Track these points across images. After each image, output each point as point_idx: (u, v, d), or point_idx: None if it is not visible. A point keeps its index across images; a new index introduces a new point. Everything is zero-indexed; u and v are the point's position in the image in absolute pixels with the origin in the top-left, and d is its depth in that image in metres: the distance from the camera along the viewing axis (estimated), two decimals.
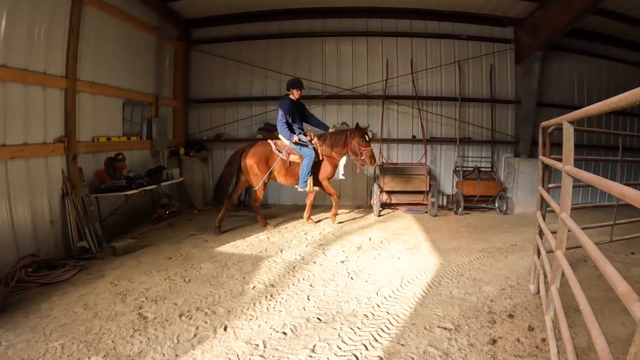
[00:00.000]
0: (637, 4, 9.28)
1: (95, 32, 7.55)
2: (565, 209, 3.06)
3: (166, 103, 10.41)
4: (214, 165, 11.38)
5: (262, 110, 11.20)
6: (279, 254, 6.65)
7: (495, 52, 11.14)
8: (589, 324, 2.12)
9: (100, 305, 4.62)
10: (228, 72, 11.27)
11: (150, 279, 5.48)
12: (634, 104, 1.68)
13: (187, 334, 3.95)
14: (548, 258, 4.11)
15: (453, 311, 4.49)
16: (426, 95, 11.09)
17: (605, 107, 2.09)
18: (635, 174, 12.13)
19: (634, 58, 11.99)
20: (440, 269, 5.89)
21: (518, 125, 11.11)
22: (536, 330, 3.96)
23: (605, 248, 6.57)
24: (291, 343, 3.80)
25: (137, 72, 9.10)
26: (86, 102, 7.41)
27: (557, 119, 3.54)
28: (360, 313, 4.45)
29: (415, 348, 3.69)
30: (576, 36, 10.95)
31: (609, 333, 3.78)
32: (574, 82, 11.73)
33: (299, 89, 8.47)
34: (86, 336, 3.90)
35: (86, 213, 6.93)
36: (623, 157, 6.42)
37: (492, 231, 8.31)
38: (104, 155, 7.72)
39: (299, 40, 11.12)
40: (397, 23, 11.09)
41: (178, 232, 8.12)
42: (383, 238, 7.69)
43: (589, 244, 2.28)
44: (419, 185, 10.10)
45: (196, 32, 11.31)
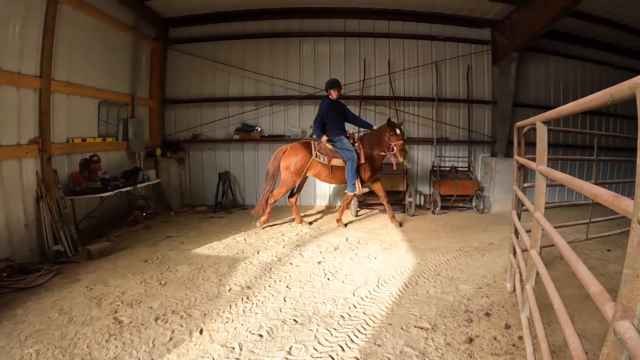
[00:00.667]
0: (612, 7, 9.42)
1: (71, 31, 7.42)
2: (539, 208, 3.08)
3: (142, 103, 10.28)
4: (191, 167, 11.30)
5: (239, 110, 11.13)
6: (255, 255, 6.61)
7: (472, 53, 11.22)
8: (563, 323, 2.12)
9: (76, 310, 4.55)
10: (205, 72, 11.17)
11: (126, 283, 5.40)
12: (605, 104, 1.68)
13: (163, 338, 3.90)
14: (523, 257, 4.14)
15: (430, 310, 4.49)
16: (403, 96, 11.12)
17: (577, 108, 2.10)
18: (611, 173, 12.33)
19: (609, 60, 12.18)
20: (417, 269, 5.91)
21: (495, 125, 11.20)
22: (513, 328, 3.98)
23: (582, 246, 6.67)
24: (267, 345, 3.77)
25: (113, 72, 8.97)
26: (61, 102, 7.29)
27: (531, 119, 3.57)
28: (336, 314, 4.44)
29: (391, 348, 3.69)
30: (553, 38, 11.10)
31: (586, 330, 3.84)
32: (550, 83, 11.87)
33: (336, 88, 8.38)
34: (61, 342, 3.83)
35: (61, 216, 6.81)
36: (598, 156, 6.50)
37: (469, 230, 8.36)
38: (79, 157, 7.60)
39: (276, 41, 11.07)
40: (374, 24, 11.09)
41: (154, 234, 8.03)
42: (360, 238, 7.69)
43: (561, 243, 2.28)
44: (397, 185, 10.12)
45: (173, 32, 11.19)
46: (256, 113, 11.07)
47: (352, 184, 8.17)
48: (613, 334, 1.37)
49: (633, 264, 1.27)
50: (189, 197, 11.25)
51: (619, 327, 1.32)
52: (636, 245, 1.25)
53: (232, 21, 10.99)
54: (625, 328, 1.29)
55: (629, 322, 1.31)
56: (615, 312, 1.36)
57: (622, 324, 1.31)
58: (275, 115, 11.08)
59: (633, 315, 1.31)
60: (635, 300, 1.29)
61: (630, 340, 1.23)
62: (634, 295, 1.29)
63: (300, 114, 11.13)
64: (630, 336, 1.25)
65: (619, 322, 1.33)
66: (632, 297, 1.29)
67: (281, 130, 11.11)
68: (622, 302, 1.32)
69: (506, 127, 10.78)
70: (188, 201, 11.19)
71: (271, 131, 11.10)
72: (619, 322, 1.33)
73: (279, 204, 10.78)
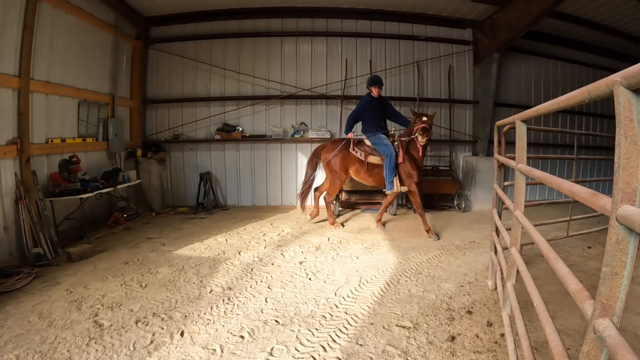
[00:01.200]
0: (593, 8, 9.55)
1: (50, 29, 7.31)
2: (519, 207, 3.09)
3: (123, 103, 10.16)
4: (172, 167, 11.21)
5: (220, 110, 11.06)
6: (237, 255, 6.57)
7: (454, 53, 11.28)
8: (543, 321, 2.13)
9: (56, 314, 4.47)
10: (186, 71, 11.09)
11: (106, 285, 5.32)
12: (583, 102, 1.68)
13: (144, 341, 3.85)
14: (504, 255, 4.16)
15: (412, 309, 4.50)
16: (385, 96, 11.06)
17: (555, 106, 2.11)
18: (592, 171, 12.49)
19: (590, 60, 12.38)
20: (399, 268, 5.92)
21: (476, 124, 11.28)
22: (495, 326, 4.00)
23: (563, 243, 6.75)
24: (249, 347, 3.74)
25: (93, 72, 8.85)
26: (40, 102, 7.17)
27: (511, 118, 3.58)
28: (318, 314, 4.42)
29: (373, 348, 3.68)
30: (534, 38, 11.24)
31: (568, 326, 3.88)
32: (531, 83, 12.01)
33: (376, 85, 8.19)
34: (41, 346, 3.76)
35: (41, 218, 6.71)
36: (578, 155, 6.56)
37: (451, 229, 8.42)
38: (58, 158, 7.47)
39: (257, 40, 11.02)
40: (357, 24, 11.10)
41: (135, 236, 7.94)
42: (342, 238, 7.70)
43: (541, 241, 2.29)
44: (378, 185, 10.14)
45: (155, 31, 11.07)
46: (237, 113, 11.02)
47: (390, 181, 7.96)
48: (592, 332, 1.37)
49: (611, 262, 1.27)
50: (170, 198, 11.15)
51: (598, 325, 1.32)
52: (614, 243, 1.25)
53: (213, 20, 10.91)
54: (605, 326, 1.29)
55: (609, 319, 1.30)
56: (595, 310, 1.35)
57: (601, 322, 1.31)
58: (257, 115, 11.03)
59: (612, 313, 1.30)
60: (614, 298, 1.29)
61: (610, 338, 1.23)
62: (613, 293, 1.28)
63: (282, 114, 11.10)
64: (610, 334, 1.24)
65: (598, 320, 1.33)
66: (611, 295, 1.29)
67: (263, 130, 11.06)
68: (601, 300, 1.32)
69: (487, 126, 10.86)
70: (169, 202, 11.09)
71: (253, 131, 11.04)
72: (598, 320, 1.33)
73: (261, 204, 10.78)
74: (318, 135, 10.76)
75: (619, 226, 1.23)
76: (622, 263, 1.25)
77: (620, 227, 1.23)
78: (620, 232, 1.24)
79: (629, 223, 1.15)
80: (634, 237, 1.22)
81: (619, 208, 1.22)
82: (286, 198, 11.06)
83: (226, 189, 11.17)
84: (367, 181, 8.40)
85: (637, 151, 1.20)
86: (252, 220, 9.03)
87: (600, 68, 12.31)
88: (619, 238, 1.24)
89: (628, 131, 1.20)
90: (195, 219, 9.49)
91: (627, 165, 1.22)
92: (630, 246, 1.24)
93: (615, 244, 1.25)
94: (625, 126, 1.21)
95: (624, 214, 1.18)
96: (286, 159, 11.11)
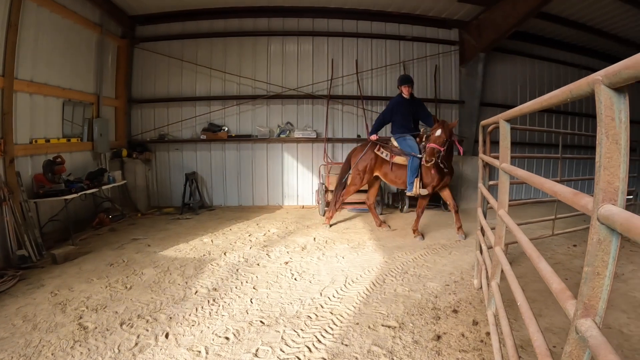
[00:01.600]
0: (579, 9, 9.65)
1: (34, 28, 7.24)
2: (502, 206, 3.10)
3: (108, 103, 10.07)
4: (157, 167, 11.14)
5: (206, 110, 11.03)
6: (222, 256, 6.55)
7: (440, 53, 11.34)
8: (527, 320, 2.14)
9: (40, 317, 4.41)
10: (172, 71, 11.03)
11: (90, 287, 5.27)
12: (565, 101, 1.69)
13: (128, 343, 3.81)
14: (489, 254, 4.17)
15: (397, 309, 4.50)
16: (371, 95, 11.18)
17: (537, 105, 2.12)
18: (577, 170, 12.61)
19: (575, 61, 12.54)
20: (385, 267, 5.92)
21: (462, 124, 11.32)
22: (480, 325, 4.01)
23: (549, 241, 6.81)
24: (234, 348, 3.72)
25: (78, 71, 8.76)
26: (24, 102, 7.08)
27: (494, 117, 3.60)
28: (303, 314, 4.41)
29: (359, 348, 3.67)
30: (520, 39, 11.33)
31: (553, 324, 3.90)
32: (517, 83, 12.13)
33: (405, 84, 7.89)
34: (25, 350, 3.70)
35: (25, 219, 6.62)
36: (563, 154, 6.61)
37: (437, 228, 8.45)
38: (42, 158, 7.39)
39: (243, 39, 10.99)
40: (343, 23, 11.12)
41: (120, 237, 7.87)
42: (328, 238, 7.70)
43: (524, 240, 2.30)
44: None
45: (140, 30, 10.99)
46: (223, 113, 10.98)
47: (410, 182, 7.66)
48: (575, 332, 1.36)
49: (593, 262, 1.26)
50: (155, 199, 11.09)
51: (581, 325, 1.31)
52: (596, 243, 1.24)
53: (199, 19, 10.87)
54: (587, 326, 1.28)
55: (591, 320, 1.30)
56: (577, 310, 1.35)
57: (583, 322, 1.31)
58: (243, 115, 10.99)
59: (595, 313, 1.30)
60: (596, 298, 1.28)
61: (592, 338, 1.23)
62: (595, 293, 1.28)
63: (268, 114, 11.08)
64: (592, 334, 1.24)
65: (580, 320, 1.32)
66: (593, 295, 1.29)
67: (248, 130, 11.04)
68: (583, 300, 1.31)
69: (473, 126, 10.93)
70: (155, 203, 11.03)
71: (238, 131, 11.02)
72: (580, 320, 1.32)
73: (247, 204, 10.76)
74: (304, 135, 10.75)
75: (600, 226, 1.23)
76: (603, 263, 1.25)
77: (602, 226, 1.22)
78: (601, 232, 1.23)
79: (610, 223, 1.15)
80: (616, 237, 1.22)
81: (601, 208, 1.22)
82: (272, 198, 11.05)
83: (212, 189, 11.13)
84: (395, 183, 8.18)
85: (619, 150, 1.19)
86: (238, 221, 9.00)
87: (586, 68, 12.41)
88: (600, 238, 1.24)
89: (609, 130, 1.20)
90: (180, 219, 9.44)
91: (609, 164, 1.21)
92: (612, 246, 1.23)
93: (597, 243, 1.24)
94: (606, 125, 1.20)
95: (606, 214, 1.18)
96: (272, 158, 11.08)
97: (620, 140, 1.19)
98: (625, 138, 1.19)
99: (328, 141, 11.00)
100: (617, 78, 1.13)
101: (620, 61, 1.11)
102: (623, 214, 1.10)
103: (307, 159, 11.12)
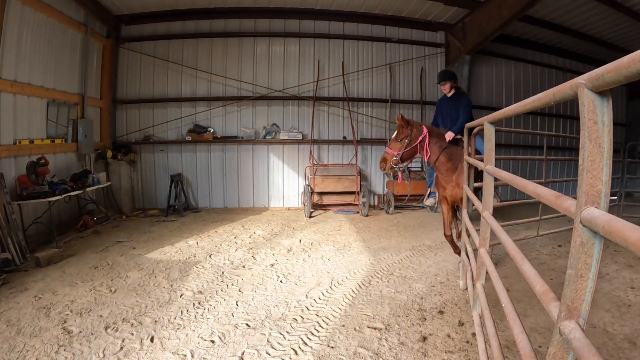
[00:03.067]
0: (563, 13, 9.78)
1: (18, 27, 7.19)
2: (487, 207, 3.12)
3: (92, 103, 9.99)
4: (142, 169, 11.06)
5: (191, 111, 11.00)
6: (207, 259, 6.54)
7: (426, 55, 11.44)
8: (511, 322, 2.15)
9: (24, 321, 4.36)
10: (157, 71, 10.98)
11: (74, 291, 5.22)
12: (548, 104, 1.70)
13: (113, 347, 3.78)
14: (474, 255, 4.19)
15: (383, 310, 4.52)
16: (357, 97, 11.22)
17: (521, 108, 2.14)
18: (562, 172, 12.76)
19: (559, 63, 12.73)
20: (370, 269, 5.95)
21: None
22: (466, 325, 4.05)
23: (533, 242, 6.88)
24: (219, 351, 3.71)
25: (62, 71, 8.69)
26: (7, 102, 7.03)
27: (479, 120, 3.63)
28: (289, 317, 4.42)
29: (345, 350, 3.68)
30: (505, 42, 11.47)
31: (538, 324, 3.95)
32: (502, 85, 12.24)
33: (441, 81, 6.64)
34: (9, 355, 3.67)
35: (8, 222, 6.52)
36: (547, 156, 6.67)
37: (422, 229, 8.50)
38: (26, 160, 7.33)
39: (229, 40, 10.98)
40: (329, 25, 11.16)
41: (104, 239, 7.81)
42: (313, 240, 7.72)
43: (508, 242, 2.31)
44: (350, 186, 10.23)
45: (125, 30, 10.91)
46: (209, 114, 10.95)
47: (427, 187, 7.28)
48: (559, 334, 1.37)
49: (576, 264, 1.27)
50: (140, 201, 11.02)
51: (564, 327, 1.32)
52: (579, 246, 1.25)
53: (185, 19, 10.85)
54: (571, 328, 1.29)
55: (574, 322, 1.31)
56: (560, 312, 1.36)
57: (567, 324, 1.32)
58: (229, 116, 10.97)
59: (578, 315, 1.31)
60: (579, 300, 1.29)
61: (576, 340, 1.23)
62: (579, 296, 1.29)
63: (254, 115, 11.07)
64: (576, 336, 1.25)
65: (564, 322, 1.33)
66: (577, 297, 1.29)
67: (234, 131, 11.01)
68: (566, 303, 1.32)
69: None
70: (140, 204, 10.96)
71: (224, 132, 10.98)
72: (564, 322, 1.33)
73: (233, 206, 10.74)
74: (290, 136, 10.76)
75: (583, 229, 1.24)
76: (587, 265, 1.26)
77: (585, 229, 1.23)
78: (584, 235, 1.24)
79: (593, 226, 1.16)
80: (599, 240, 1.23)
81: (584, 211, 1.23)
82: (258, 200, 11.04)
83: (197, 191, 11.08)
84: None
85: (601, 153, 1.20)
86: (223, 223, 8.99)
87: (569, 71, 12.63)
88: (583, 240, 1.24)
89: (592, 133, 1.21)
90: (166, 221, 9.39)
91: (592, 167, 1.22)
92: (594, 249, 1.24)
93: (580, 246, 1.25)
94: (589, 128, 1.21)
95: (588, 217, 1.18)
96: (258, 160, 11.05)
97: (603, 143, 1.20)
98: (608, 141, 1.20)
99: (314, 143, 11.01)
100: (599, 82, 1.14)
101: (603, 65, 1.11)
102: (605, 216, 1.11)
103: (293, 160, 11.12)
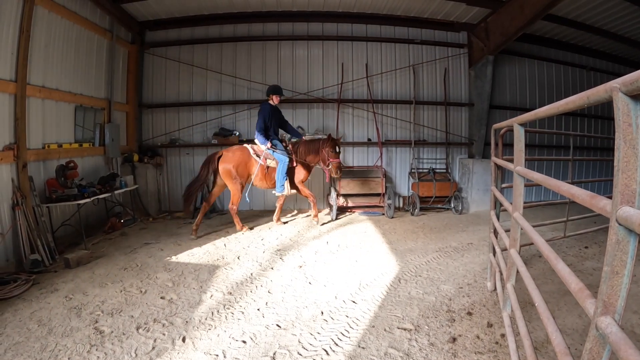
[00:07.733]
0: (585, 10, 9.67)
1: (46, 34, 7.34)
2: (517, 208, 3.12)
3: (119, 108, 10.17)
4: (168, 172, 11.19)
5: (216, 114, 11.09)
6: (236, 260, 6.58)
7: (449, 56, 11.39)
8: (545, 320, 2.16)
9: (55, 321, 4.43)
10: (182, 75, 11.11)
11: (105, 292, 5.29)
12: (581, 107, 1.72)
13: (145, 347, 3.83)
14: (503, 256, 4.19)
15: (412, 312, 4.52)
16: (381, 99, 11.22)
17: (554, 110, 2.15)
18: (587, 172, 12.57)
19: (583, 62, 12.52)
20: (398, 270, 5.93)
21: (471, 127, 11.35)
22: (495, 327, 4.03)
23: (560, 243, 6.80)
24: (251, 351, 3.74)
25: (89, 76, 8.86)
26: (36, 107, 7.17)
27: (508, 121, 3.62)
28: (319, 318, 4.43)
29: (376, 350, 3.70)
30: (527, 41, 11.39)
31: (566, 325, 3.92)
32: (525, 85, 12.10)
33: (278, 94, 8.63)
34: (42, 354, 3.73)
35: (38, 224, 6.67)
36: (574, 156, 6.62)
37: (448, 231, 8.44)
38: (55, 163, 7.45)
39: (253, 44, 11.06)
40: (352, 27, 11.18)
41: (132, 241, 7.90)
42: (340, 241, 7.71)
43: (541, 242, 2.32)
44: (375, 188, 10.22)
45: (150, 35, 11.09)
46: (234, 117, 11.07)
47: (281, 185, 8.52)
48: (595, 330, 1.40)
49: (612, 262, 1.31)
50: (166, 203, 11.12)
51: (601, 322, 1.35)
52: (614, 244, 1.29)
53: (209, 25, 10.97)
54: (607, 323, 1.33)
55: (610, 317, 1.34)
56: (597, 308, 1.39)
57: (603, 320, 1.35)
58: (254, 120, 10.92)
59: (614, 310, 1.34)
60: (615, 296, 1.32)
61: (612, 335, 1.27)
62: (614, 292, 1.32)
63: None
64: (612, 331, 1.28)
65: (600, 318, 1.36)
66: (612, 293, 1.33)
67: None
68: (602, 299, 1.35)
69: (483, 128, 10.92)
70: (166, 207, 11.06)
71: (249, 135, 11.00)
72: (600, 318, 1.36)
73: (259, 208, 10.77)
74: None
75: (618, 227, 1.27)
76: (622, 262, 1.29)
77: (620, 228, 1.27)
78: (620, 233, 1.28)
79: (629, 224, 1.19)
80: (634, 238, 1.26)
81: (619, 209, 1.26)
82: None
83: (223, 194, 11.11)
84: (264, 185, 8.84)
85: (636, 155, 1.24)
86: (250, 225, 9.03)
87: (593, 69, 12.44)
88: (619, 238, 1.28)
89: (627, 135, 1.24)
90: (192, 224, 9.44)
91: (626, 168, 1.26)
92: (630, 246, 1.28)
93: (616, 244, 1.29)
94: (624, 131, 1.25)
95: (624, 215, 1.22)
96: None
97: (637, 145, 1.23)
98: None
99: None
100: (634, 86, 1.17)
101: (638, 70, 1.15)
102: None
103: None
